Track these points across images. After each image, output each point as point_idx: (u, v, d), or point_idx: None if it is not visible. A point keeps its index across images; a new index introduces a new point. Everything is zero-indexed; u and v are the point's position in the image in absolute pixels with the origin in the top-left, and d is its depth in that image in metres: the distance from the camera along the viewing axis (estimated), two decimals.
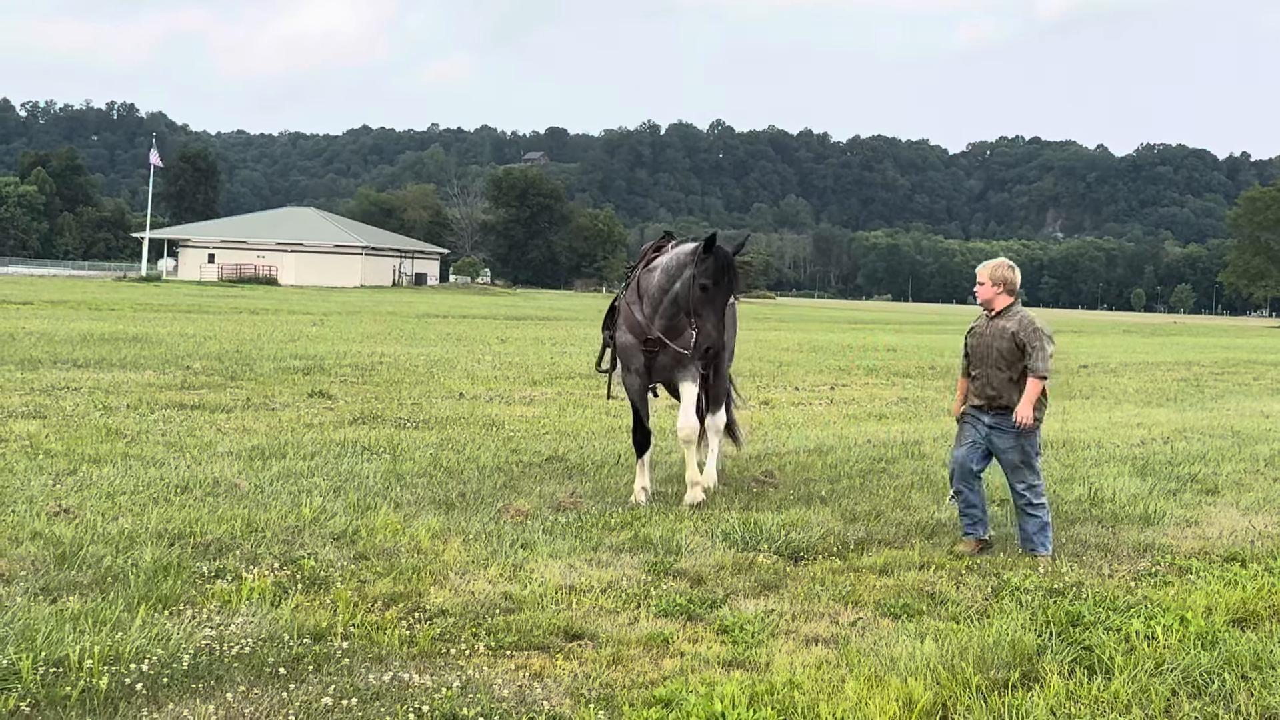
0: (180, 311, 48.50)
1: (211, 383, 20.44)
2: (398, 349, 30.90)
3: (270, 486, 10.99)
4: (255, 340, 31.57)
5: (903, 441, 16.22)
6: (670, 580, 8.47)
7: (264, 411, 16.92)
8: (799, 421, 18.59)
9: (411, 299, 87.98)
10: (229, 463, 12.23)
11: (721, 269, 10.77)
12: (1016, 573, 9.01)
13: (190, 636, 6.66)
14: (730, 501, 11.38)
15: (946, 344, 49.12)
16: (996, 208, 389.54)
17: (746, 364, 30.90)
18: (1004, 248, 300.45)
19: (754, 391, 23.48)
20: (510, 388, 22.19)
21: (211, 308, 53.78)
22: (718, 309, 10.72)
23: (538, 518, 10.24)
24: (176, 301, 59.03)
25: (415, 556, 8.69)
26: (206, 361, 24.07)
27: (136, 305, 52.61)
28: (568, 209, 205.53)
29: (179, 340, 30.03)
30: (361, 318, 50.42)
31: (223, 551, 8.57)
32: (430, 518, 9.94)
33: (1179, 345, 57.37)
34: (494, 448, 14.22)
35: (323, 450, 13.34)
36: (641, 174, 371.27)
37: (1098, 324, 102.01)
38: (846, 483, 12.70)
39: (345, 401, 18.52)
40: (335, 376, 22.57)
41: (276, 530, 9.23)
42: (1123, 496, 12.34)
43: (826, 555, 9.38)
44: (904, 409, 21.44)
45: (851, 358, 35.90)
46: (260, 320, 44.06)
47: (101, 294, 65.71)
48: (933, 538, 10.18)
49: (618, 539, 9.54)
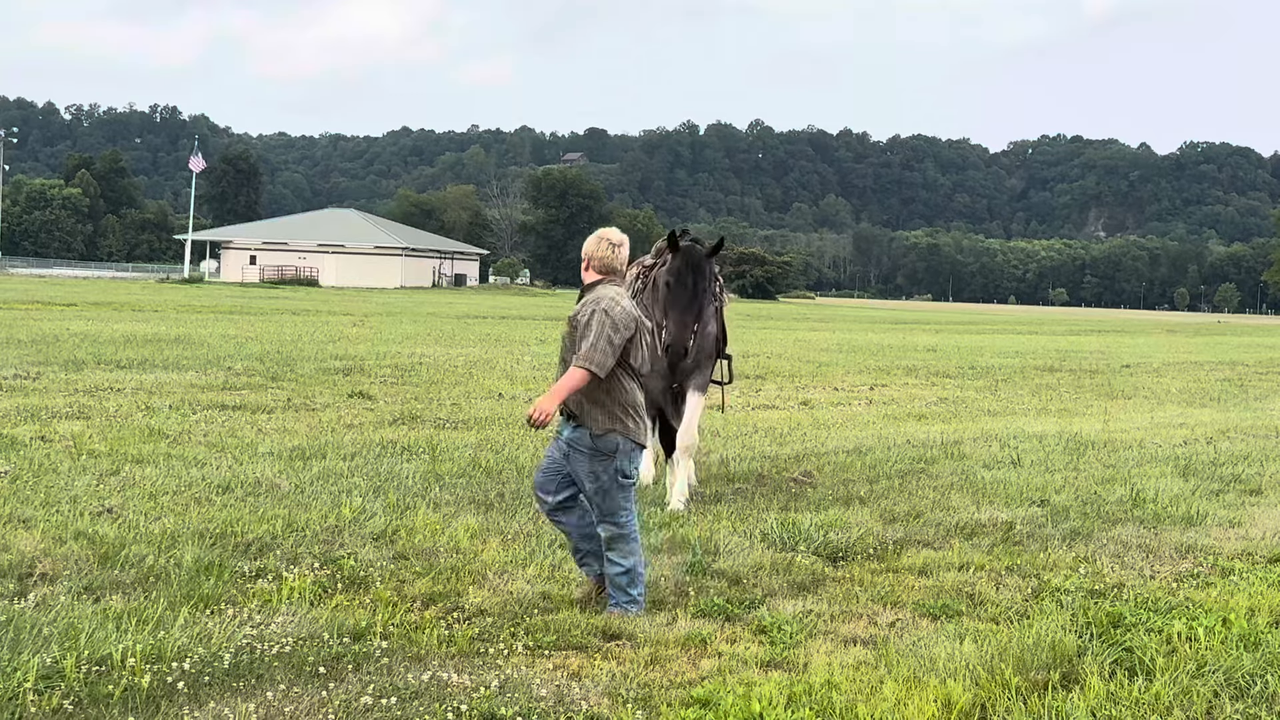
0: (222, 313, 48.85)
1: (253, 383, 20.57)
2: (437, 350, 31.01)
3: (310, 487, 11.05)
4: (296, 341, 31.76)
5: (942, 442, 16.15)
6: (708, 580, 8.47)
7: (304, 412, 17.02)
8: (838, 422, 18.54)
9: (451, 300, 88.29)
10: (270, 463, 12.30)
11: (685, 265, 10.50)
12: (1057, 574, 8.96)
13: (231, 636, 6.70)
14: (769, 502, 11.37)
15: (987, 344, 48.87)
16: (1038, 207, 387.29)
17: (785, 364, 30.86)
18: (1045, 247, 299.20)
19: (793, 392, 23.44)
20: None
21: (253, 309, 54.15)
22: (680, 307, 10.42)
23: None
24: (218, 303, 59.48)
25: (454, 556, 8.72)
26: (248, 362, 24.23)
27: (179, 307, 53.03)
28: (607, 209, 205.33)
29: (221, 341, 30.25)
30: (401, 319, 50.64)
31: (263, 551, 8.63)
32: (469, 518, 9.97)
33: (1223, 345, 56.86)
34: (532, 448, 14.25)
35: (362, 451, 13.41)
36: (681, 174, 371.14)
37: (1140, 324, 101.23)
38: (885, 483, 12.66)
39: (385, 402, 18.60)
40: (375, 377, 22.67)
41: (317, 530, 9.29)
42: (1165, 497, 12.25)
43: (865, 556, 9.35)
44: (944, 409, 21.35)
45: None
46: (301, 321, 44.33)
47: (144, 296, 66.28)
48: (972, 539, 10.14)
49: (656, 539, 9.54)
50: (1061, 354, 42.12)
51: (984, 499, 11.91)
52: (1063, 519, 11.03)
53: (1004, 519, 10.89)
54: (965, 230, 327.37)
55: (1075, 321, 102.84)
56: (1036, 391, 25.81)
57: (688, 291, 10.49)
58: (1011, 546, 9.89)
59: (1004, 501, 11.83)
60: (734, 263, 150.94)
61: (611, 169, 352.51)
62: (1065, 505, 11.67)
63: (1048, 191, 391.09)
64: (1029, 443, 16.41)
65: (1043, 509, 11.39)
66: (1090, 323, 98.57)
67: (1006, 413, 21.21)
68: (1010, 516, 11.01)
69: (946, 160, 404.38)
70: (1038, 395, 24.90)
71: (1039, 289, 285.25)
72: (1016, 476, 13.32)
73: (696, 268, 10.55)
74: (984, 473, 13.56)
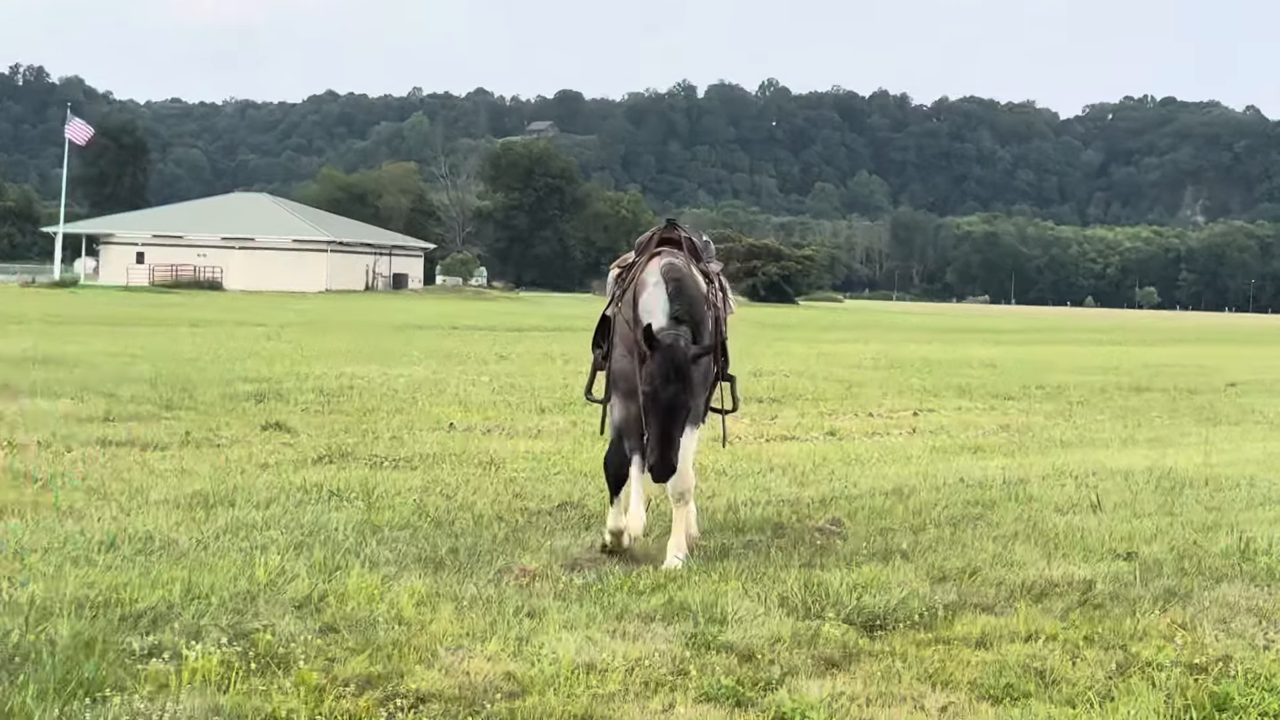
0: (103, 324, 48.73)
1: (142, 413, 20.52)
2: (373, 369, 30.99)
3: (216, 542, 11.04)
4: (196, 360, 31.70)
5: (1004, 480, 16.18)
6: (714, 656, 8.47)
7: (207, 448, 16.98)
8: (874, 456, 18.55)
9: (389, 306, 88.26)
10: (165, 513, 12.27)
11: (666, 372, 10.59)
12: (1148, 645, 8.98)
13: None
14: (788, 557, 11.38)
15: (1058, 358, 48.97)
16: (1120, 185, 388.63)
17: (808, 384, 30.89)
18: (1130, 236, 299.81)
19: (817, 419, 23.46)
20: (512, 416, 22.22)
21: (142, 319, 54.02)
22: (661, 421, 10.61)
23: (548, 579, 10.27)
24: (98, 312, 59.37)
25: (396, 628, 8.72)
26: (136, 387, 24.18)
27: (49, 317, 52.88)
28: (583, 192, 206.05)
29: (102, 360, 30.18)
30: (328, 330, 50.59)
31: (158, 623, 8.61)
32: (415, 580, 9.97)
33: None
34: (493, 492, 14.24)
35: (281, 496, 13.39)
36: (675, 148, 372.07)
37: (1250, 330, 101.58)
38: (934, 533, 12.68)
39: (308, 435, 18.56)
40: (295, 404, 22.62)
41: (224, 597, 9.28)
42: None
43: (909, 624, 9.37)
44: (1005, 440, 21.37)
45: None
46: (202, 335, 44.25)
47: (4, 303, 66.14)
48: (1042, 601, 10.16)
49: (648, 605, 9.55)
50: (1152, 369, 42.21)
51: (1056, 551, 11.93)
52: (1155, 576, 11.05)
53: (1082, 576, 10.91)
54: (1030, 215, 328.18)
55: (1169, 328, 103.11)
56: (1121, 416, 25.86)
57: (670, 398, 10.59)
58: (1091, 611, 9.90)
59: (1081, 555, 11.85)
60: (742, 257, 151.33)
61: (588, 142, 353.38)
62: (1158, 559, 11.69)
63: (1133, 167, 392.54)
64: (1112, 480, 16.43)
65: (1130, 563, 11.40)
66: (1187, 330, 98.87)
67: (1083, 443, 21.21)
68: (1089, 573, 11.03)
69: (1006, 128, 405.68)
70: (1122, 421, 24.95)
71: (1122, 288, 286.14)
72: (1097, 523, 13.34)
73: (679, 372, 10.62)
74: (1056, 519, 13.59)
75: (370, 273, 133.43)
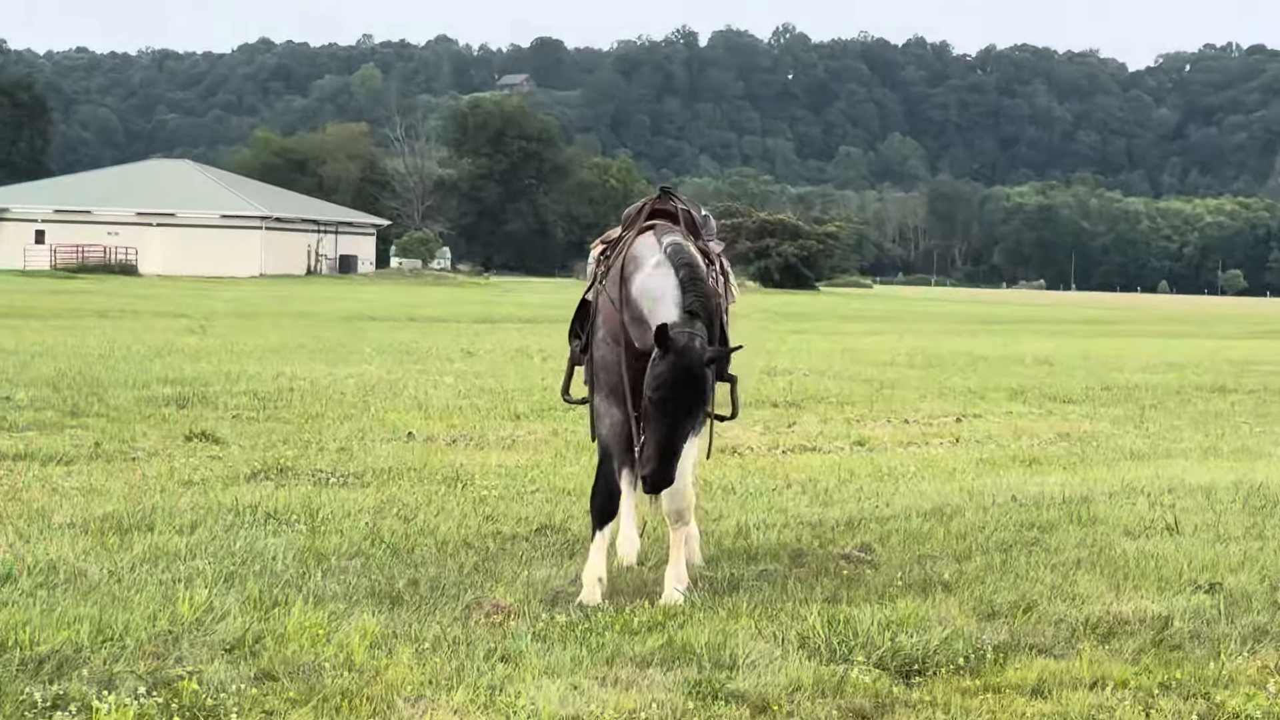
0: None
1: (43, 420, 20.51)
2: (316, 368, 30.98)
3: (131, 574, 11.03)
4: (106, 357, 31.66)
5: (1064, 499, 16.18)
6: (721, 707, 8.47)
7: (121, 462, 16.97)
8: (909, 470, 18.56)
9: (335, 293, 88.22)
10: (71, 539, 12.26)
11: (680, 376, 10.61)
12: (1234, 693, 8.98)
13: None
14: (809, 590, 11.38)
15: (1127, 352, 48.98)
16: (1200, 149, 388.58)
17: (831, 385, 30.90)
18: (1212, 209, 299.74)
19: (843, 426, 23.47)
20: (482, 423, 22.22)
21: (41, 310, 53.97)
22: (667, 426, 10.60)
23: (525, 616, 10.26)
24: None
25: (345, 675, 8.71)
26: (35, 390, 24.17)
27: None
28: (564, 158, 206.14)
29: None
30: (262, 322, 50.56)
31: (64, 670, 8.60)
32: (367, 618, 9.96)
33: None
34: (459, 513, 14.24)
35: (208, 519, 13.38)
36: (672, 105, 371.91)
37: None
38: (981, 560, 12.69)
39: (240, 447, 18.55)
40: (224, 410, 22.62)
41: (142, 638, 9.27)
42: None
43: (952, 669, 9.37)
44: (1065, 450, 21.38)
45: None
46: (114, 327, 44.21)
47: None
48: (1110, 641, 10.17)
49: (643, 647, 9.56)
50: (1238, 366, 42.23)
51: (1126, 583, 11.93)
52: (1242, 611, 11.06)
53: (1156, 612, 10.91)
54: (1093, 185, 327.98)
55: (1258, 317, 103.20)
56: (1201, 422, 25.88)
57: (681, 408, 10.61)
58: (1168, 653, 9.91)
59: (1156, 586, 11.85)
60: (753, 235, 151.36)
61: (570, 98, 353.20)
62: (1246, 591, 11.70)
63: (1214, 126, 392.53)
64: (1191, 499, 16.44)
65: (1213, 597, 11.40)
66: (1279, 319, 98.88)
67: (1157, 454, 21.23)
68: (1165, 608, 11.04)
69: (1065, 82, 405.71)
70: (1203, 428, 24.96)
71: (1203, 270, 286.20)
72: (1174, 549, 13.34)
73: (694, 379, 10.60)
74: (1126, 544, 13.59)
75: (313, 254, 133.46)
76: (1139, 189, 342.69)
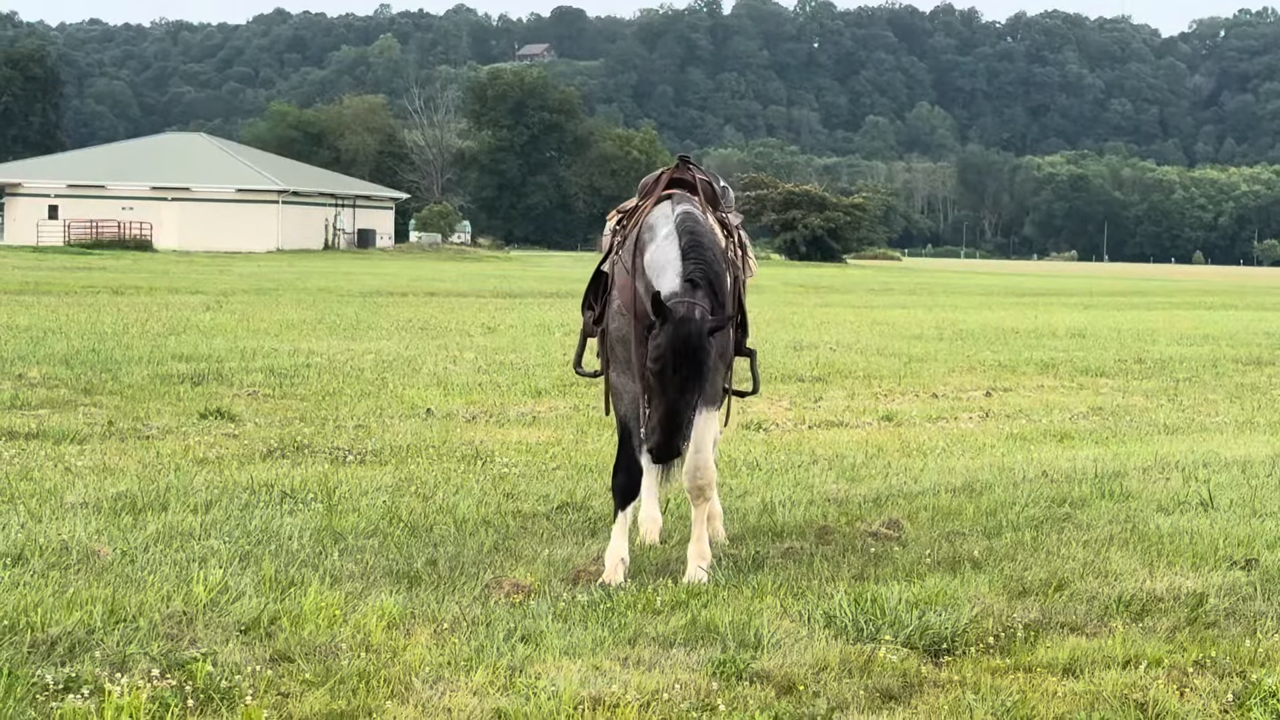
0: (9, 293, 48.76)
1: (56, 399, 20.53)
2: (333, 344, 31.00)
3: (145, 554, 11.03)
4: (121, 334, 31.70)
5: (1096, 474, 16.14)
6: (746, 687, 8.46)
7: (134, 441, 16.99)
8: (938, 446, 18.54)
9: (353, 268, 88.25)
10: (84, 519, 12.27)
11: (679, 349, 10.52)
12: (1271, 671, 8.95)
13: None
14: (836, 568, 11.36)
15: (1161, 325, 48.88)
16: (1235, 116, 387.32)
17: (858, 359, 30.86)
18: (1249, 177, 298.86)
19: (870, 401, 23.45)
20: (502, 400, 22.21)
21: (55, 286, 54.04)
22: (672, 397, 10.52)
23: (545, 596, 10.26)
24: (2, 277, 59.38)
25: (363, 656, 8.71)
26: (48, 367, 24.20)
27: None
28: (586, 130, 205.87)
29: (6, 336, 30.20)
30: (279, 298, 50.57)
31: (76, 652, 8.61)
32: (385, 598, 9.96)
33: None
34: (479, 491, 14.23)
35: (223, 498, 13.39)
36: (696, 75, 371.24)
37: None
38: (1011, 537, 12.66)
39: (255, 424, 18.57)
40: (240, 387, 22.63)
41: (155, 620, 9.27)
42: None
43: (982, 648, 9.35)
44: (1097, 424, 21.35)
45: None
46: (128, 304, 44.25)
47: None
48: (1144, 619, 10.13)
49: (666, 626, 9.54)
50: (1274, 338, 42.13)
51: (1160, 560, 11.90)
52: (1279, 588, 11.02)
53: (1191, 589, 10.88)
54: (1126, 155, 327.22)
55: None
56: (1237, 396, 25.82)
57: (682, 379, 10.51)
58: (1202, 630, 9.89)
59: (1190, 563, 11.82)
60: (779, 207, 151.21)
61: (592, 68, 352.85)
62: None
63: (1250, 94, 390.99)
64: (1227, 473, 16.40)
65: (1249, 574, 11.36)
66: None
67: (1192, 428, 21.19)
68: (1200, 585, 11.01)
69: (1096, 49, 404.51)
70: (1239, 401, 24.90)
71: (1239, 241, 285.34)
72: (1209, 525, 13.31)
73: (694, 351, 10.50)
74: (1160, 520, 13.55)
75: (330, 228, 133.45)
76: (1173, 158, 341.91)
